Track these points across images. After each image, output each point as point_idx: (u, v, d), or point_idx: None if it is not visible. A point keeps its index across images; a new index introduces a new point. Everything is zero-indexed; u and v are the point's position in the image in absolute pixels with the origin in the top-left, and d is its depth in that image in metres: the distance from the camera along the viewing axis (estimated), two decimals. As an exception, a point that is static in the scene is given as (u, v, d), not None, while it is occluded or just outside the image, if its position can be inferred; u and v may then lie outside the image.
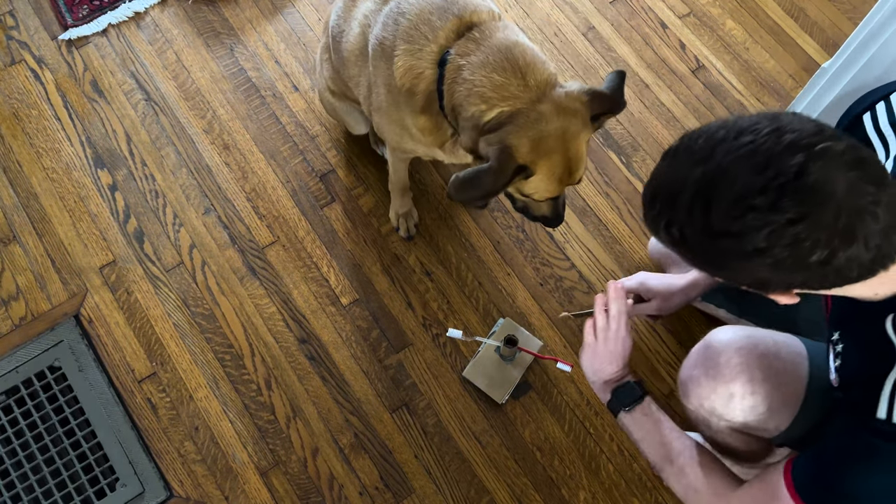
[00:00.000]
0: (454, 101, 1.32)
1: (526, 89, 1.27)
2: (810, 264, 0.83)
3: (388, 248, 1.85)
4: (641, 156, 1.97)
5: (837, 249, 0.82)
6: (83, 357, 1.71)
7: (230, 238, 1.85)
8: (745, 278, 0.90)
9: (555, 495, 1.63)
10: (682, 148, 0.90)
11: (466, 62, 1.29)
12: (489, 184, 1.26)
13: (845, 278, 0.87)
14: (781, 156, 0.82)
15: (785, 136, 0.83)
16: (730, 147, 0.84)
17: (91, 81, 2.01)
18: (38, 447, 1.63)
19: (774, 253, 0.83)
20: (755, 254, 0.84)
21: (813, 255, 0.83)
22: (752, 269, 0.86)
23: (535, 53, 1.31)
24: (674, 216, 0.88)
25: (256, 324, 1.76)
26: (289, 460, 1.65)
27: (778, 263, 0.84)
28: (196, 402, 1.69)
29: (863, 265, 0.85)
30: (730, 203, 0.83)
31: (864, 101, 1.14)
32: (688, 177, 0.86)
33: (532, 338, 1.72)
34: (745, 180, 0.82)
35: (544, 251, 1.85)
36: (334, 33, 1.58)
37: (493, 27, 1.32)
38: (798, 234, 0.81)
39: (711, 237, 0.86)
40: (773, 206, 0.81)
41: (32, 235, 1.83)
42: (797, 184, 0.81)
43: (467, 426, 1.68)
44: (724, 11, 2.17)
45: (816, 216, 0.81)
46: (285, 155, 1.94)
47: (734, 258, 0.86)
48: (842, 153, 0.82)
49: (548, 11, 2.15)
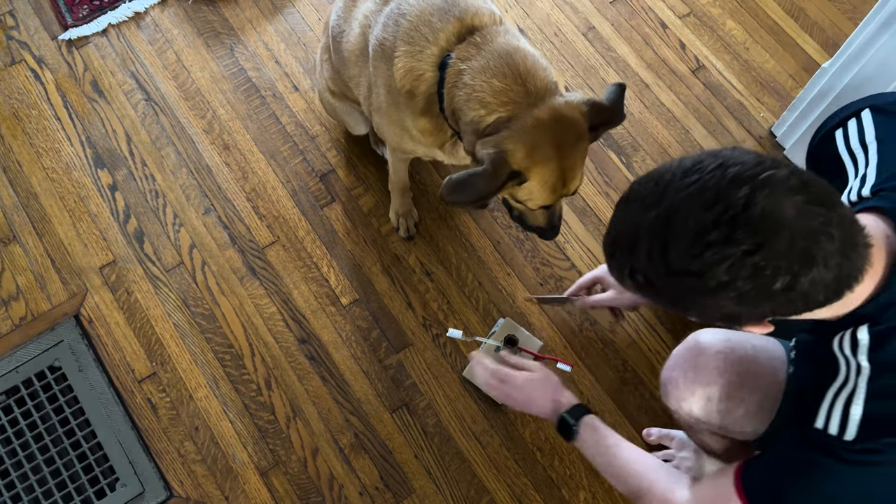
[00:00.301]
0: (454, 104, 1.32)
1: (525, 95, 1.27)
2: (774, 292, 0.85)
3: (388, 248, 1.85)
4: (641, 156, 1.97)
5: (799, 274, 0.84)
6: (83, 357, 1.71)
7: (230, 238, 1.85)
8: (714, 314, 0.91)
9: (555, 495, 1.63)
10: (633, 195, 0.91)
11: (467, 66, 1.29)
12: (482, 187, 1.26)
13: (813, 302, 0.88)
14: (728, 189, 0.83)
15: (729, 170, 0.84)
16: (678, 187, 0.86)
17: (91, 81, 2.01)
18: (38, 447, 1.63)
19: (737, 286, 0.84)
20: (719, 288, 0.85)
21: (776, 283, 0.84)
22: (718, 304, 0.87)
23: (536, 59, 1.31)
24: (635, 263, 0.90)
25: (256, 324, 1.76)
26: (289, 460, 1.65)
27: (742, 296, 0.85)
28: (196, 402, 1.69)
29: (828, 287, 0.86)
30: (686, 242, 0.84)
31: (838, 116, 1.16)
32: (642, 222, 0.88)
33: (532, 338, 1.72)
34: (697, 218, 0.83)
35: (544, 251, 1.85)
36: (334, 33, 1.58)
37: (494, 31, 1.32)
38: (757, 264, 0.83)
39: (674, 278, 0.87)
40: (728, 239, 0.82)
41: (32, 235, 1.83)
42: (747, 215, 0.82)
43: (467, 426, 1.68)
44: (724, 11, 2.17)
45: (772, 244, 0.82)
46: (285, 155, 1.94)
47: (699, 295, 0.87)
48: (786, 179, 0.84)
49: (548, 11, 2.15)
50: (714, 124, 2.02)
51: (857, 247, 0.87)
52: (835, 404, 0.96)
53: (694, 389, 1.24)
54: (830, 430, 0.96)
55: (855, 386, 0.95)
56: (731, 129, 2.02)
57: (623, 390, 1.72)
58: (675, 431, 1.61)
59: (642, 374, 1.73)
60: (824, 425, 0.96)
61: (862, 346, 0.95)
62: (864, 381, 0.94)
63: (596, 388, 1.72)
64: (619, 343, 1.76)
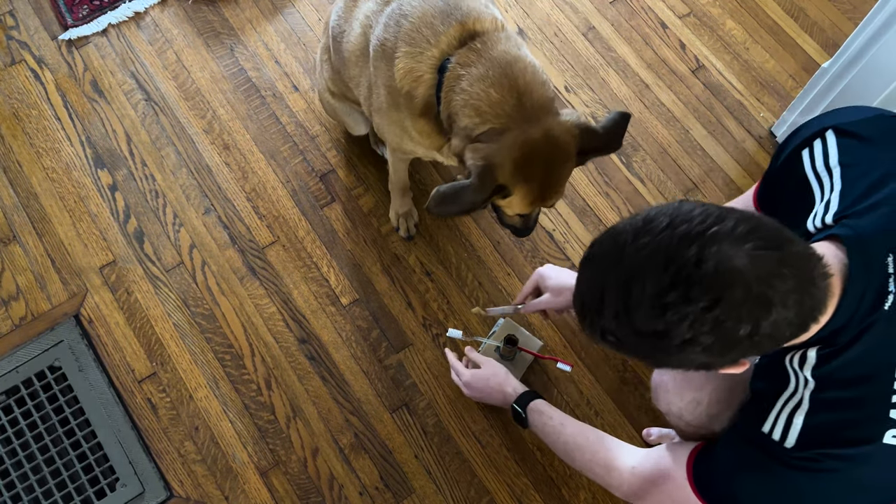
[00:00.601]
0: (451, 108, 1.32)
1: (520, 111, 1.27)
2: (739, 339, 0.87)
3: (388, 248, 1.85)
4: (641, 156, 1.97)
5: (760, 319, 0.86)
6: (83, 357, 1.71)
7: (230, 238, 1.85)
8: (688, 365, 0.94)
9: (555, 495, 1.63)
10: (594, 256, 0.95)
11: (466, 73, 1.29)
12: (468, 200, 1.28)
13: (781, 339, 0.91)
14: (678, 249, 0.85)
15: (678, 230, 0.87)
16: (633, 249, 0.88)
17: (91, 81, 2.01)
18: (38, 447, 1.63)
19: (701, 340, 0.87)
20: (685, 345, 0.88)
21: (739, 332, 0.86)
22: (688, 358, 0.90)
23: (536, 73, 1.31)
24: (605, 325, 0.92)
25: (256, 324, 1.76)
26: (289, 460, 1.65)
27: (708, 348, 0.88)
28: (196, 402, 1.69)
29: (792, 324, 0.90)
30: (647, 305, 0.87)
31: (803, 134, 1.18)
32: (605, 286, 0.91)
33: (532, 338, 1.72)
34: (653, 280, 0.86)
35: (544, 251, 1.85)
36: (335, 33, 1.58)
37: (495, 38, 1.32)
38: (717, 318, 0.85)
39: (641, 338, 0.90)
40: (685, 298, 0.85)
41: (32, 235, 1.83)
42: (700, 272, 0.84)
43: (467, 426, 1.68)
44: (724, 11, 2.17)
45: (729, 297, 0.84)
46: (285, 155, 1.94)
47: (668, 353, 0.90)
48: (732, 229, 0.86)
49: (548, 11, 2.15)
50: (714, 124, 2.02)
51: (815, 280, 0.90)
52: (782, 412, 1.02)
53: (683, 394, 1.26)
54: (774, 435, 1.02)
55: (801, 397, 1.01)
56: (731, 129, 2.02)
57: (623, 390, 1.72)
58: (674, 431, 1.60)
59: (642, 374, 1.73)
60: (770, 430, 1.03)
61: (809, 363, 1.00)
62: (808, 394, 1.00)
63: (596, 388, 1.72)
64: (619, 343, 1.76)
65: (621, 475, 1.31)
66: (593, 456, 1.36)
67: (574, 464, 1.40)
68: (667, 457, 1.25)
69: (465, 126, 1.30)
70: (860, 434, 0.97)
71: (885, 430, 0.96)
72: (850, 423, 0.98)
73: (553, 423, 1.44)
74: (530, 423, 1.48)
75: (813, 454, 0.99)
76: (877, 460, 0.97)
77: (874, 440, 0.96)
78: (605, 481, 1.35)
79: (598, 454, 1.35)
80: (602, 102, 2.03)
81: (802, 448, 1.00)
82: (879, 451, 0.96)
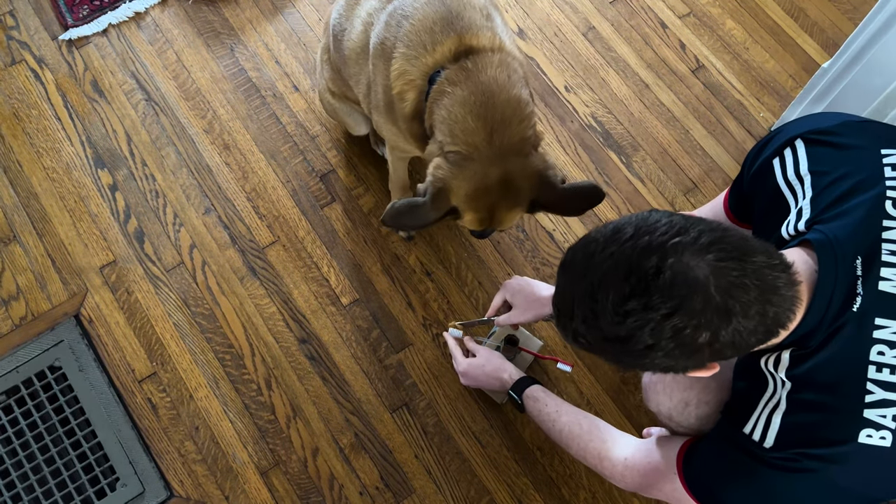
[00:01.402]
0: (432, 119, 1.36)
1: (487, 146, 1.30)
2: (700, 346, 0.91)
3: (388, 248, 1.85)
4: (641, 156, 1.97)
5: (719, 328, 0.90)
6: (83, 357, 1.71)
7: (230, 238, 1.85)
8: (654, 368, 0.97)
9: (555, 495, 1.63)
10: (567, 263, 0.99)
11: (451, 91, 1.31)
12: (422, 216, 1.35)
13: (745, 347, 0.94)
14: (639, 259, 0.90)
15: (641, 240, 0.91)
16: (600, 259, 0.93)
17: (91, 81, 2.01)
18: (38, 447, 1.63)
19: (662, 345, 0.91)
20: (647, 350, 0.92)
21: (699, 339, 0.90)
22: (651, 362, 0.95)
23: (518, 108, 1.31)
24: (576, 328, 0.97)
25: (256, 324, 1.76)
26: (289, 460, 1.65)
27: (669, 353, 0.92)
28: (196, 401, 1.69)
29: (755, 332, 0.93)
30: (611, 312, 0.91)
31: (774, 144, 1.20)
32: (575, 293, 0.95)
33: (532, 338, 1.72)
34: (616, 289, 0.90)
35: (544, 251, 1.85)
36: (336, 31, 1.58)
37: (488, 60, 1.32)
38: (676, 325, 0.89)
39: (607, 342, 0.94)
40: (646, 306, 0.89)
41: (32, 235, 1.83)
42: (658, 282, 0.88)
43: (467, 426, 1.68)
44: (724, 11, 2.17)
45: (687, 305, 0.88)
46: (285, 155, 1.94)
47: (632, 357, 0.95)
48: (695, 240, 0.90)
49: (548, 11, 2.15)
50: (714, 124, 2.02)
51: (779, 289, 0.92)
52: (762, 413, 1.05)
53: (672, 395, 1.28)
54: (754, 436, 1.05)
55: (779, 398, 1.03)
56: (731, 129, 2.02)
57: (623, 390, 1.72)
58: None
59: (642, 374, 1.73)
60: (751, 431, 1.06)
61: (783, 364, 1.03)
62: (785, 394, 1.03)
63: (596, 388, 1.72)
64: (619, 343, 1.76)
65: (614, 466, 1.33)
66: (587, 445, 1.38)
67: (569, 451, 1.43)
68: (657, 451, 1.28)
69: (439, 140, 1.34)
70: (835, 434, 0.99)
71: (860, 429, 0.98)
72: (826, 424, 1.00)
73: (548, 409, 1.45)
74: (526, 410, 1.50)
75: (791, 454, 1.02)
76: (853, 460, 0.99)
77: (849, 440, 0.98)
78: (597, 470, 1.38)
79: (591, 443, 1.38)
80: (602, 102, 2.03)
81: (780, 448, 1.02)
82: (855, 451, 0.98)
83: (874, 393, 0.98)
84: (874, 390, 0.98)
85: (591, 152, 1.97)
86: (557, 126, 2.00)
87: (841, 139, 1.13)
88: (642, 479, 1.29)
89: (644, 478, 1.28)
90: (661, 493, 1.27)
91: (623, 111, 2.03)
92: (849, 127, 1.15)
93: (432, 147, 1.37)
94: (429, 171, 1.34)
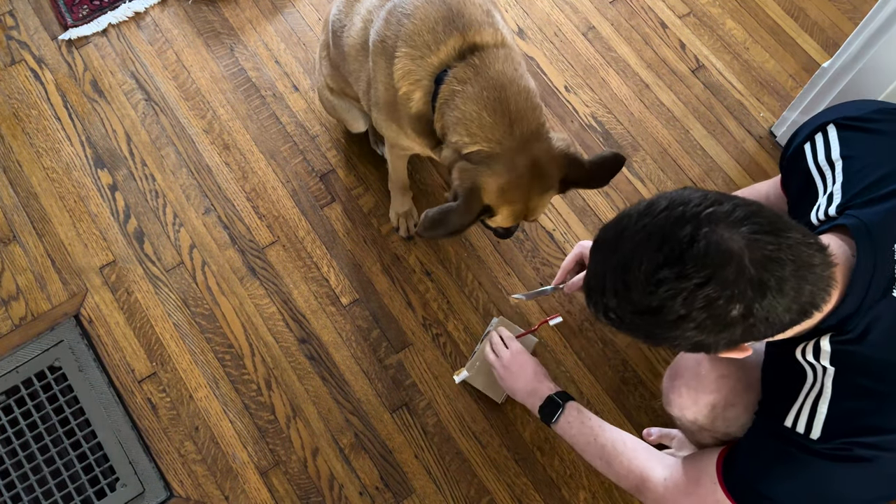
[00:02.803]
0: (444, 121, 1.35)
1: (510, 137, 1.30)
2: (733, 320, 0.90)
3: (388, 248, 1.85)
4: (641, 156, 1.97)
5: (753, 302, 0.89)
6: (83, 357, 1.71)
7: (230, 238, 1.85)
8: (683, 344, 0.96)
9: (555, 495, 1.63)
10: (599, 242, 1.00)
11: (461, 90, 1.31)
12: (456, 222, 1.33)
13: (779, 325, 0.93)
14: (673, 229, 0.90)
15: (675, 211, 0.91)
16: (633, 232, 0.93)
17: (91, 81, 2.01)
18: (38, 447, 1.63)
19: (693, 316, 0.90)
20: (679, 321, 0.91)
21: (731, 311, 0.89)
22: (682, 335, 0.93)
23: (529, 97, 1.32)
24: (607, 303, 0.97)
25: (256, 324, 1.76)
26: (289, 460, 1.65)
27: (701, 325, 0.91)
28: (196, 402, 1.69)
29: (790, 310, 0.91)
30: (643, 282, 0.91)
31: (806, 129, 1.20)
32: (607, 267, 0.96)
33: (528, 336, 1.72)
34: (650, 258, 0.91)
35: (544, 251, 1.85)
36: (335, 28, 1.58)
37: (493, 55, 1.33)
38: (709, 295, 0.88)
39: (638, 315, 0.94)
40: (680, 275, 0.89)
41: (32, 235, 1.83)
42: (693, 251, 0.88)
43: (467, 426, 1.68)
44: (724, 11, 2.17)
45: (721, 275, 0.88)
46: (285, 155, 1.94)
47: (663, 329, 0.93)
48: (729, 213, 0.90)
49: (548, 11, 2.15)
50: (714, 124, 2.02)
51: (814, 268, 0.91)
52: (805, 404, 1.03)
53: (698, 398, 1.25)
54: (798, 428, 1.02)
55: (822, 386, 1.01)
56: (731, 129, 2.02)
57: (623, 390, 1.72)
58: (675, 431, 1.61)
59: (642, 374, 1.73)
60: (793, 423, 1.03)
61: (824, 352, 1.00)
62: (829, 381, 1.00)
63: (596, 388, 1.72)
64: (619, 343, 1.76)
65: (656, 487, 1.29)
66: (630, 463, 1.33)
67: (609, 469, 1.37)
68: (694, 465, 1.24)
69: (455, 142, 1.33)
70: (886, 422, 0.98)
71: None
72: (875, 411, 0.98)
73: (591, 423, 1.41)
74: (564, 420, 1.44)
75: (840, 443, 0.99)
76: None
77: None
78: (637, 492, 1.33)
79: (633, 462, 1.33)
80: (602, 102, 2.03)
81: (829, 438, 1.00)
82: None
83: None
84: None
85: (591, 152, 1.97)
86: (557, 126, 2.00)
87: (875, 125, 1.12)
88: (686, 499, 1.24)
89: (688, 497, 1.24)
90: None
91: (623, 111, 2.03)
92: (883, 113, 1.14)
93: (447, 153, 1.37)
94: (454, 177, 1.34)
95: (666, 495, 1.27)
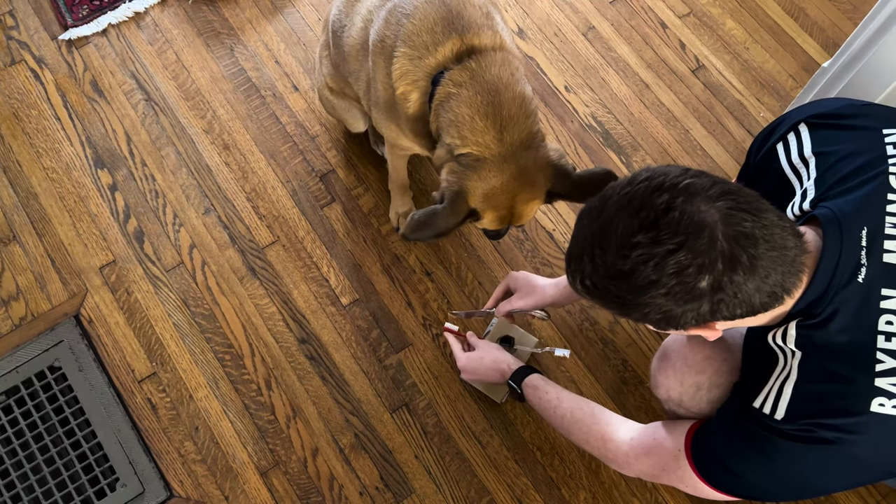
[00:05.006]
0: (438, 122, 1.36)
1: (499, 143, 1.31)
2: (701, 291, 0.92)
3: (388, 248, 1.85)
4: (641, 156, 1.97)
5: (722, 275, 0.91)
6: (83, 357, 1.71)
7: (230, 238, 1.85)
8: (652, 314, 0.98)
9: (555, 495, 1.63)
10: (584, 211, 1.03)
11: (457, 92, 1.32)
12: (442, 224, 1.35)
13: (749, 305, 0.95)
14: (650, 196, 0.93)
15: (655, 181, 0.94)
16: (614, 201, 0.97)
17: (91, 81, 2.01)
18: (38, 447, 1.63)
19: (663, 282, 0.92)
20: (649, 286, 0.93)
21: (700, 282, 0.92)
22: (651, 302, 0.95)
23: (523, 104, 1.33)
24: (583, 269, 1.00)
25: (256, 324, 1.76)
26: (289, 460, 1.65)
27: (670, 292, 0.93)
28: (196, 402, 1.69)
29: (761, 291, 0.94)
30: (617, 246, 0.94)
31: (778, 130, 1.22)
32: (587, 233, 0.99)
33: (527, 335, 1.72)
34: (626, 223, 0.94)
35: (544, 251, 1.85)
36: (335, 27, 1.58)
37: (490, 59, 1.33)
38: (680, 262, 0.91)
39: (611, 279, 0.97)
40: (654, 240, 0.92)
41: (32, 235, 1.83)
42: (667, 218, 0.92)
43: (467, 426, 1.68)
44: (724, 11, 2.17)
45: (692, 243, 0.91)
46: (285, 155, 1.94)
47: (634, 294, 0.96)
48: (706, 187, 0.92)
49: (548, 11, 2.15)
50: (714, 124, 2.02)
51: (787, 251, 0.94)
52: (773, 386, 1.06)
53: (684, 378, 1.27)
54: (765, 409, 1.05)
55: (790, 368, 1.04)
56: (731, 129, 2.02)
57: (623, 390, 1.72)
58: None
59: (642, 374, 1.73)
60: (761, 404, 1.06)
61: (790, 337, 1.03)
62: (796, 363, 1.03)
63: (596, 388, 1.72)
64: (619, 343, 1.76)
65: (618, 447, 1.33)
66: (590, 428, 1.37)
67: (571, 437, 1.42)
68: (664, 430, 1.28)
69: (448, 143, 1.34)
70: (849, 404, 1.00)
71: (872, 398, 0.99)
72: (838, 393, 1.01)
73: (549, 397, 1.45)
74: (526, 399, 1.50)
75: (803, 424, 1.02)
76: (869, 430, 1.00)
77: (863, 410, 0.99)
78: (601, 453, 1.37)
79: (594, 426, 1.37)
80: (602, 102, 2.03)
81: (793, 419, 1.03)
82: (870, 420, 0.99)
83: (884, 362, 0.98)
84: (884, 359, 0.99)
85: (591, 152, 1.97)
86: (557, 126, 2.00)
87: (845, 121, 1.15)
88: (648, 459, 1.27)
89: (650, 458, 1.27)
90: (671, 478, 1.25)
91: (623, 111, 2.03)
92: (853, 108, 1.17)
93: (440, 152, 1.37)
94: (442, 177, 1.35)
95: (630, 453, 1.31)
